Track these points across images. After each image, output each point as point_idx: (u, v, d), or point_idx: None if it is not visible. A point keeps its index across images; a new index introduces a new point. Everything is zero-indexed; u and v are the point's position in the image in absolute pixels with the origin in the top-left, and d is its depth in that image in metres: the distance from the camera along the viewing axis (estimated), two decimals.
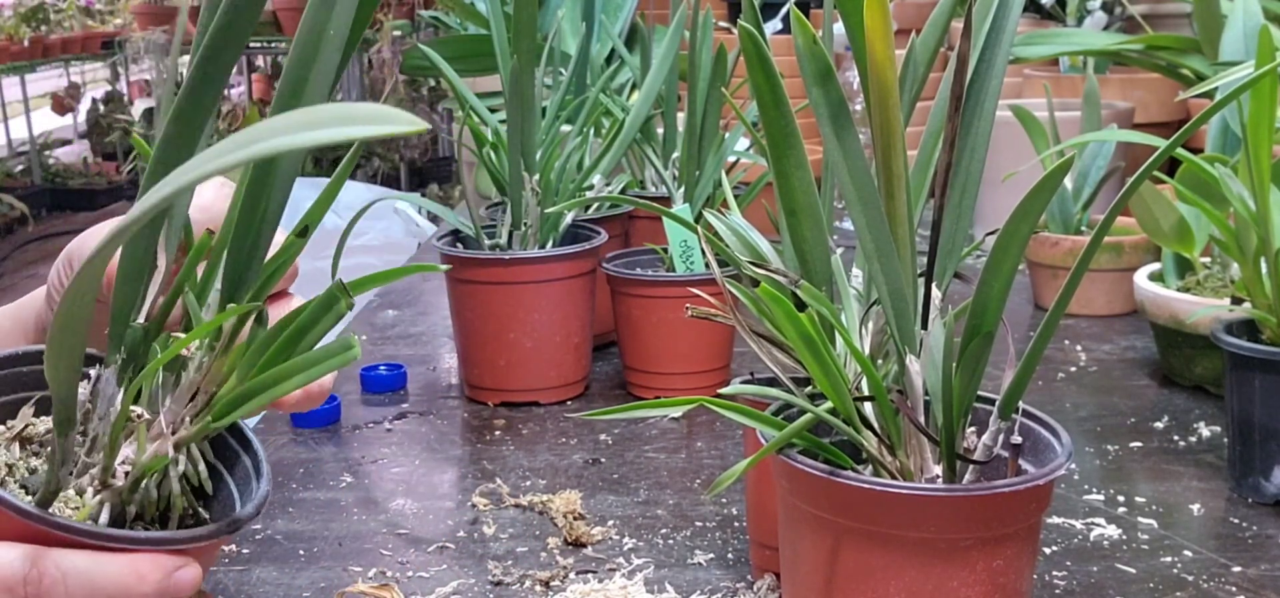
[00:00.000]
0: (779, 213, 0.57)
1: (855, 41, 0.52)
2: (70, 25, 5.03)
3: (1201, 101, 1.41)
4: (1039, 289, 1.29)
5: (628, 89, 1.39)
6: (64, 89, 5.77)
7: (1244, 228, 0.81)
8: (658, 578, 0.71)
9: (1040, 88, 1.65)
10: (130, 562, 0.42)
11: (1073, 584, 0.69)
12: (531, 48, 0.96)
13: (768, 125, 0.54)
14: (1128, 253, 1.22)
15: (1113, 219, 0.47)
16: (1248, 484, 0.80)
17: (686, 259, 1.00)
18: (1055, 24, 2.03)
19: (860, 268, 0.61)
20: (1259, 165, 0.76)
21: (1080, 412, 0.98)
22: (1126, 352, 1.14)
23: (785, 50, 1.83)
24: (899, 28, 1.85)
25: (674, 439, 0.93)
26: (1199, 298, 0.99)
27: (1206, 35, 1.38)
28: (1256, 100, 0.74)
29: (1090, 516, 0.78)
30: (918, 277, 0.53)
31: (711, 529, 0.77)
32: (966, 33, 0.49)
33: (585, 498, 0.82)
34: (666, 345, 0.99)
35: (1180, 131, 0.46)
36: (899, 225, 0.51)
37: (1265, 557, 0.72)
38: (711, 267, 0.53)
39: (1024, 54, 1.63)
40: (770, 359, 0.56)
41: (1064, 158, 0.50)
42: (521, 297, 0.99)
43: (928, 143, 0.57)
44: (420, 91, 4.75)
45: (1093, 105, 1.24)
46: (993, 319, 0.50)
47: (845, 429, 0.53)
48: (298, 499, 0.83)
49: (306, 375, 0.43)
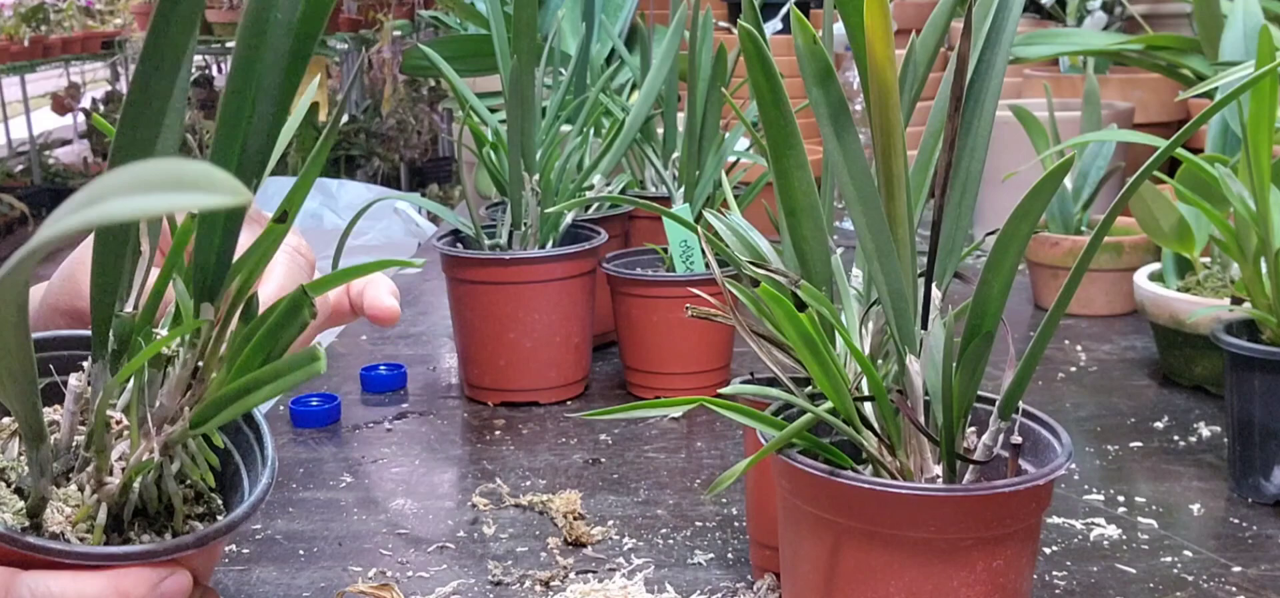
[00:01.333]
0: (779, 213, 0.57)
1: (855, 41, 0.52)
2: (70, 25, 5.03)
3: (1201, 101, 1.41)
4: (1039, 289, 1.29)
5: (628, 89, 1.39)
6: (64, 89, 5.77)
7: (1244, 228, 0.81)
8: (658, 578, 0.71)
9: (1040, 88, 1.65)
10: (112, 579, 0.41)
11: (1073, 584, 0.69)
12: (531, 48, 0.96)
13: (768, 125, 0.54)
14: (1128, 253, 1.22)
15: (1113, 219, 0.47)
16: (1248, 484, 0.80)
17: (686, 259, 1.00)
18: (1055, 24, 2.03)
19: (860, 268, 0.61)
20: (1259, 165, 0.76)
21: (1080, 412, 0.98)
22: (1126, 352, 1.14)
23: (785, 50, 1.83)
24: (899, 28, 1.85)
25: (674, 439, 0.93)
26: (1199, 298, 0.99)
27: (1206, 35, 1.38)
28: (1256, 100, 0.74)
29: (1090, 516, 0.78)
30: (918, 277, 0.53)
31: (711, 529, 0.77)
32: (966, 33, 0.49)
33: (585, 498, 0.82)
34: (666, 345, 0.99)
35: (1180, 132, 0.46)
36: (899, 225, 0.51)
37: (1265, 557, 0.72)
38: (711, 267, 0.53)
39: (1024, 54, 1.63)
40: (770, 359, 0.56)
41: (1064, 158, 0.50)
42: (521, 297, 0.99)
43: (928, 143, 0.57)
44: (420, 91, 4.75)
45: (1093, 105, 1.24)
46: (993, 319, 0.51)
47: (845, 429, 0.53)
48: (298, 499, 0.83)
49: (274, 387, 0.42)
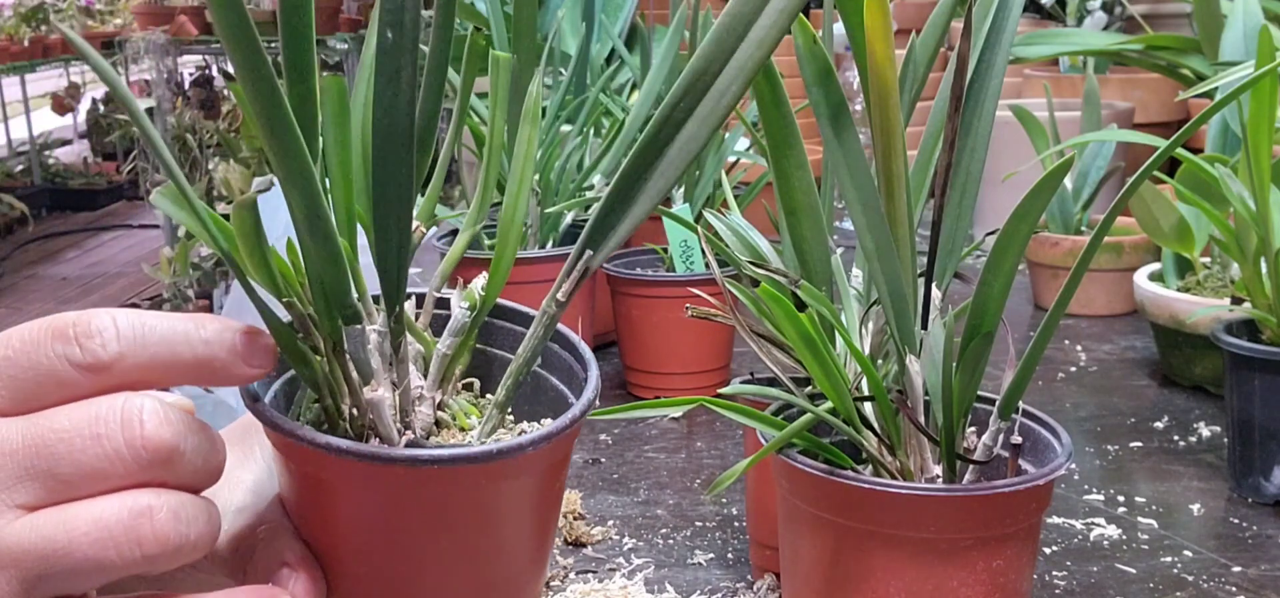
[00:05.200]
0: (779, 213, 0.57)
1: (855, 41, 0.52)
2: (70, 25, 5.03)
3: (1201, 101, 1.41)
4: (1039, 289, 1.29)
5: (628, 89, 1.39)
6: (64, 89, 5.77)
7: (1244, 228, 0.81)
8: (658, 578, 0.71)
9: (1040, 88, 1.65)
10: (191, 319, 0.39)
11: (1073, 584, 0.69)
12: (532, 48, 0.96)
13: (768, 125, 0.54)
14: (1128, 253, 1.22)
15: (1113, 219, 0.47)
16: (1248, 484, 0.80)
17: (686, 259, 1.00)
18: (1055, 24, 2.03)
19: (860, 268, 0.61)
20: (1259, 165, 0.76)
21: (1080, 412, 0.98)
22: (1126, 352, 1.14)
23: (785, 50, 1.83)
24: (899, 28, 1.85)
25: (674, 439, 0.93)
26: (1199, 298, 0.99)
27: (1206, 35, 1.38)
28: (1256, 100, 0.74)
29: (1090, 516, 0.78)
30: (918, 277, 0.53)
31: (711, 529, 0.77)
32: (966, 33, 0.49)
33: (585, 498, 0.82)
34: (666, 345, 0.99)
35: (1180, 132, 0.46)
36: (899, 225, 0.51)
37: (1265, 557, 0.72)
38: (711, 267, 0.53)
39: (1024, 54, 1.63)
40: (770, 359, 0.55)
41: (1064, 158, 0.49)
42: (521, 296, 0.98)
43: (928, 143, 0.57)
44: None
45: (1093, 105, 1.24)
46: (993, 319, 0.50)
47: (845, 429, 0.53)
48: None
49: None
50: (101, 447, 0.35)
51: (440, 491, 0.40)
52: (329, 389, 0.42)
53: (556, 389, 0.48)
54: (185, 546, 0.36)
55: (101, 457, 0.35)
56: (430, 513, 0.40)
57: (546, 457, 0.42)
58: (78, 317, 0.37)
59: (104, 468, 0.35)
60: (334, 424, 0.42)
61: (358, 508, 0.41)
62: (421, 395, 0.43)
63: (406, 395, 0.42)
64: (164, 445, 0.36)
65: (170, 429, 0.36)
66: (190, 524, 0.36)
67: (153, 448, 0.36)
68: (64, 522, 0.35)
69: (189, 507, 0.37)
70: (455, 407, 0.45)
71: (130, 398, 0.36)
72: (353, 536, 0.41)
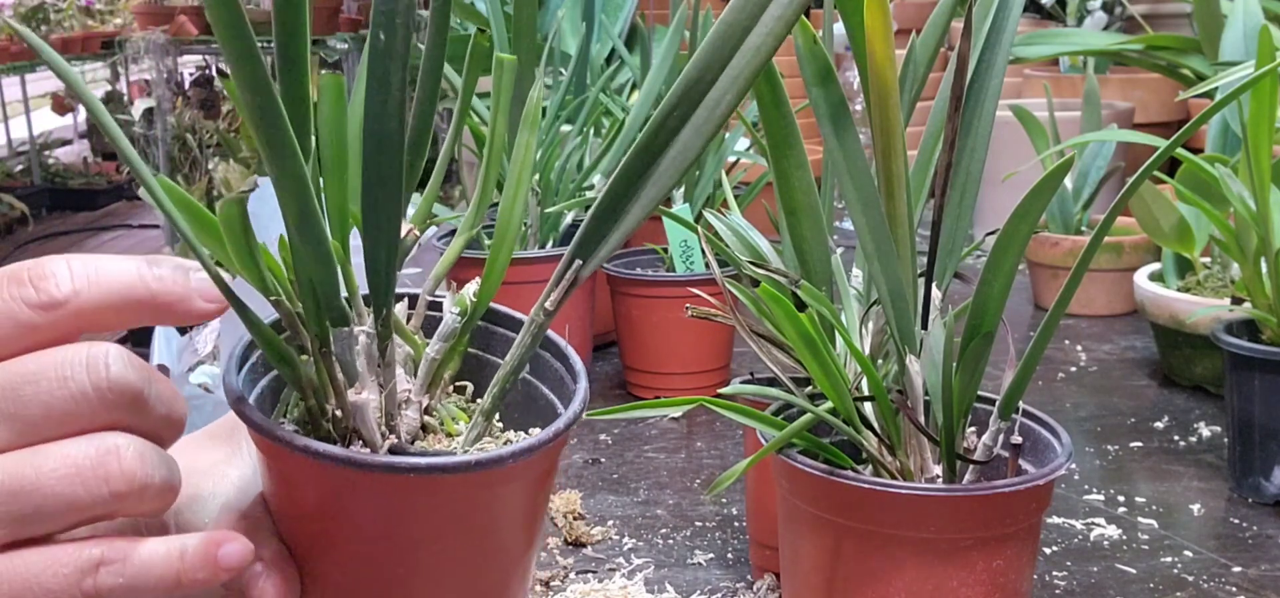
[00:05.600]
0: (779, 213, 0.57)
1: (855, 41, 0.52)
2: (70, 25, 5.03)
3: (1201, 101, 1.41)
4: (1039, 289, 1.29)
5: (628, 89, 1.39)
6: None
7: (1244, 228, 0.81)
8: (658, 578, 0.71)
9: (1040, 88, 1.65)
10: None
11: (1073, 584, 0.69)
12: (531, 48, 0.96)
13: (768, 125, 0.54)
14: (1128, 253, 1.22)
15: (1113, 219, 0.47)
16: (1248, 484, 0.80)
17: (686, 259, 1.00)
18: (1055, 24, 2.03)
19: (860, 268, 0.61)
20: (1259, 165, 0.76)
21: (1080, 412, 0.98)
22: (1126, 352, 1.14)
23: (785, 50, 1.83)
24: (899, 28, 1.85)
25: (674, 439, 0.93)
26: (1199, 298, 0.99)
27: (1206, 35, 1.38)
28: (1256, 100, 0.74)
29: (1090, 516, 0.78)
30: (918, 277, 0.53)
31: (711, 529, 0.77)
32: (966, 33, 0.49)
33: (585, 498, 0.82)
34: (666, 345, 0.99)
35: (1180, 132, 0.46)
36: (899, 225, 0.51)
37: (1265, 557, 0.72)
38: (711, 267, 0.53)
39: (1024, 54, 1.63)
40: (770, 359, 0.55)
41: (1064, 158, 0.49)
42: (519, 296, 0.98)
43: (928, 143, 0.57)
44: None
45: (1093, 105, 1.24)
46: (993, 319, 0.50)
47: (845, 429, 0.53)
48: None
49: None
50: (67, 389, 0.36)
51: (417, 498, 0.40)
52: (314, 390, 0.42)
53: (547, 399, 0.48)
54: (150, 487, 0.37)
55: (68, 398, 0.36)
56: (407, 520, 0.40)
57: (529, 469, 0.41)
58: (33, 263, 0.38)
59: (71, 409, 0.36)
60: (318, 425, 0.42)
61: (335, 512, 0.40)
62: (408, 399, 0.43)
63: (392, 399, 0.42)
64: (129, 387, 0.37)
65: (135, 373, 0.37)
66: (155, 468, 0.37)
67: (118, 390, 0.36)
68: (32, 460, 0.36)
69: (154, 453, 0.37)
70: (443, 411, 0.44)
71: (96, 344, 0.37)
72: (330, 538, 0.41)
